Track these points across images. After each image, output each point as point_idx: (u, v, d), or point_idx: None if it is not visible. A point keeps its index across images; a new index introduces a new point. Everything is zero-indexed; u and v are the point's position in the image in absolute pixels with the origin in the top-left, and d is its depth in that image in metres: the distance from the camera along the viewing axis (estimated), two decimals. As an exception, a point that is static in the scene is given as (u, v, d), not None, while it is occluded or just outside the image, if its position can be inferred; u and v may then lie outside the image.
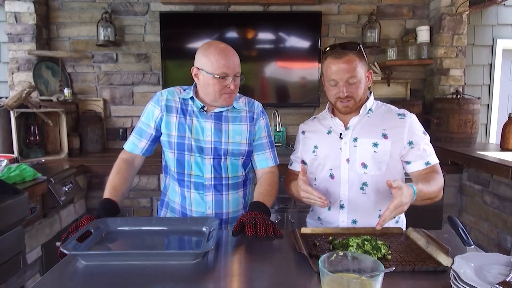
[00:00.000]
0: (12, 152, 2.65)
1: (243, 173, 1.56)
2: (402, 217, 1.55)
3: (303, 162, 1.59)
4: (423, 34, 3.12)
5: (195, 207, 1.50)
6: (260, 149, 1.56)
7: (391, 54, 3.17)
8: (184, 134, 1.47)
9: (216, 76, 1.39)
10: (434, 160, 1.43)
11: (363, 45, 2.75)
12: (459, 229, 1.13)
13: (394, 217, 1.19)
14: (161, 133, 1.50)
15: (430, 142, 1.48)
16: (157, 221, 1.34)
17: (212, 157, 1.47)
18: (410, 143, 1.42)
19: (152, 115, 1.50)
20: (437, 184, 1.35)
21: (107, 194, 1.39)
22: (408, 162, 1.44)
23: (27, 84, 2.70)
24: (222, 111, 1.50)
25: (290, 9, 3.18)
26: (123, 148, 1.56)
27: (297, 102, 3.22)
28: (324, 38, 3.18)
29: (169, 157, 1.51)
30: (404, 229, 1.49)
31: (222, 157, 1.48)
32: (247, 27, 3.14)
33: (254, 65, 3.17)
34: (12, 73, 3.03)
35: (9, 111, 2.61)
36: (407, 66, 3.26)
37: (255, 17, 3.16)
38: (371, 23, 3.12)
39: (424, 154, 1.42)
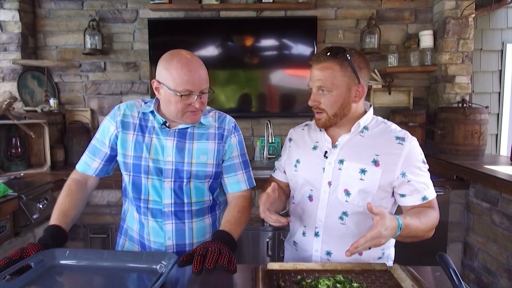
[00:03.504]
0: (-6, 165, 2.56)
1: (210, 198, 1.38)
2: (389, 253, 1.35)
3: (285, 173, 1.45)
4: (426, 39, 2.93)
5: (153, 237, 1.33)
6: (231, 171, 1.38)
7: (392, 60, 2.98)
8: (141, 154, 1.30)
9: (178, 94, 1.22)
10: (432, 194, 1.24)
11: (362, 52, 2.58)
12: (450, 270, 0.94)
13: (369, 248, 1.01)
14: (117, 152, 1.35)
15: (434, 155, 1.28)
16: (109, 255, 1.18)
17: (172, 180, 1.30)
18: (403, 174, 1.21)
19: (107, 132, 1.35)
20: (428, 222, 1.16)
21: (55, 220, 1.23)
22: (402, 195, 1.25)
23: (8, 94, 2.60)
24: (187, 128, 1.33)
25: (285, 14, 3.03)
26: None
27: (292, 112, 3.07)
28: (321, 44, 3.02)
29: (125, 179, 1.35)
30: (391, 263, 1.31)
31: (185, 180, 1.31)
32: (239, 34, 3.00)
33: (246, 73, 3.02)
34: (-3, 83, 2.94)
35: (-12, 123, 2.51)
36: (410, 73, 3.06)
37: (247, 23, 3.02)
38: (370, 28, 2.95)
39: (421, 187, 1.22)
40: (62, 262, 1.15)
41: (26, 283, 1.03)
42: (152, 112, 1.34)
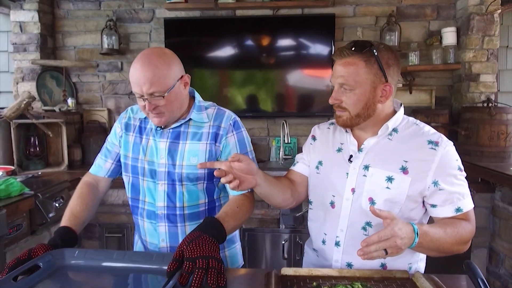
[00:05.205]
0: (13, 164, 2.59)
1: (206, 200, 1.32)
2: (417, 267, 1.24)
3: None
4: (449, 36, 2.81)
5: (149, 237, 1.34)
6: None
7: (413, 58, 2.89)
8: (138, 156, 1.31)
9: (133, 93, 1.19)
10: (468, 205, 1.12)
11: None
12: (479, 280, 0.88)
13: (386, 253, 0.92)
14: None
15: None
16: (119, 256, 1.15)
17: (166, 182, 1.28)
18: (436, 183, 1.10)
19: (115, 134, 1.38)
20: (456, 234, 1.05)
21: (65, 221, 1.23)
22: (433, 206, 1.13)
23: (26, 94, 2.63)
24: (180, 126, 1.29)
25: (302, 12, 2.98)
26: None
27: (308, 112, 3.01)
28: (339, 42, 2.95)
29: (125, 181, 1.37)
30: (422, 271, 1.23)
31: (177, 183, 1.27)
32: (255, 33, 2.96)
33: (262, 72, 2.98)
34: (17, 83, 2.99)
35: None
36: (432, 72, 2.96)
37: (264, 22, 2.98)
38: (390, 25, 2.86)
39: (455, 197, 1.10)
40: (71, 262, 1.13)
41: (34, 283, 1.02)
42: None
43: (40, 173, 2.59)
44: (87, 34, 3.11)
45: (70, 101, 3.00)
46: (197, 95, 1.35)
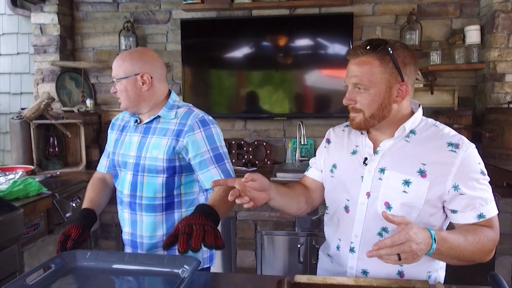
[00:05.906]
0: (33, 164, 2.64)
1: (163, 195, 1.38)
2: (437, 276, 1.18)
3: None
4: (473, 34, 2.71)
5: (121, 222, 1.50)
6: (203, 167, 1.36)
7: (435, 58, 2.79)
8: (116, 150, 1.48)
9: None
10: (491, 211, 1.06)
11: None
12: (505, 293, 0.82)
13: (400, 260, 0.88)
14: None
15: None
16: (130, 258, 1.16)
17: (132, 173, 1.41)
18: (456, 187, 1.05)
19: (109, 134, 1.57)
20: (477, 242, 1.00)
21: (85, 205, 1.44)
22: (453, 211, 1.08)
23: (46, 95, 2.68)
24: (151, 122, 1.42)
25: (319, 12, 2.93)
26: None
27: (325, 112, 2.96)
28: (357, 42, 2.88)
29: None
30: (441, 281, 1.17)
31: (139, 174, 1.40)
32: (272, 33, 2.92)
33: (279, 73, 2.95)
34: (37, 84, 3.05)
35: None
36: (454, 72, 2.86)
37: (280, 22, 2.94)
38: (411, 23, 2.78)
39: (477, 203, 1.05)
40: (83, 264, 1.14)
41: (46, 285, 1.02)
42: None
43: (58, 173, 2.63)
44: (105, 36, 3.15)
45: (88, 102, 3.04)
46: (173, 95, 1.46)
